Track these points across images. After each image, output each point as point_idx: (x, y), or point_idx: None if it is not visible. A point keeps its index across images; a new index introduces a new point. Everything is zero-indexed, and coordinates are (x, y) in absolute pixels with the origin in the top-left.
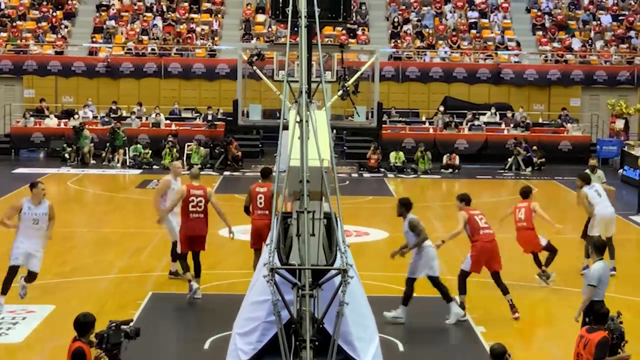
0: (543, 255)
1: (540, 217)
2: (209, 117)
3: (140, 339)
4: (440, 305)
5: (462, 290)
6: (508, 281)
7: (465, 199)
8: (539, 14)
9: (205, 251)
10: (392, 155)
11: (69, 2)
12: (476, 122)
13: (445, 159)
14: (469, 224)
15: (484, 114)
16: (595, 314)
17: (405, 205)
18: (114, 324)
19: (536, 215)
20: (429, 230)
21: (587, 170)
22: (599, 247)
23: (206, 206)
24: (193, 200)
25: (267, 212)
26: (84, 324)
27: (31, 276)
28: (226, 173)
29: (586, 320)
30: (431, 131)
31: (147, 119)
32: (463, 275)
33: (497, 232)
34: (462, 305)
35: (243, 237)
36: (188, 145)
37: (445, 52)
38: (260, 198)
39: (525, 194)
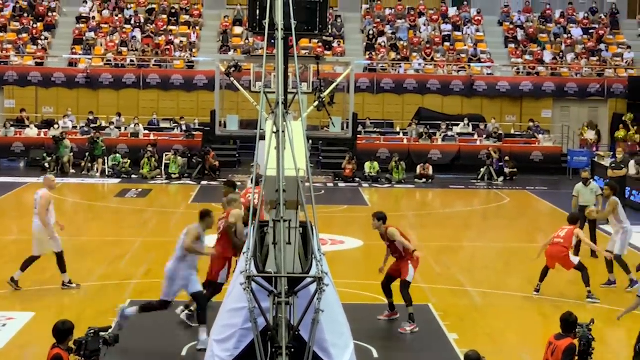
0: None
1: (584, 243)
2: (183, 127)
3: (118, 345)
4: (416, 312)
5: (411, 301)
6: (482, 289)
7: (383, 218)
8: (511, 27)
9: None
10: (367, 165)
11: (50, 14)
12: (449, 133)
13: (419, 169)
14: (404, 237)
15: (457, 125)
16: (564, 322)
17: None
18: (92, 331)
19: (578, 240)
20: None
21: (580, 184)
22: None
23: None
24: None
25: None
26: (62, 331)
27: None
28: (204, 182)
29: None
30: (405, 142)
31: (126, 129)
32: (408, 287)
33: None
34: (411, 317)
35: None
36: (166, 155)
37: (419, 64)
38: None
39: (574, 220)
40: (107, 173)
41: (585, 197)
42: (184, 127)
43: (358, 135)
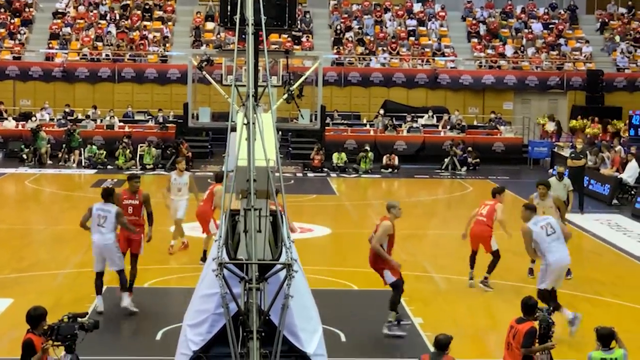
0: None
1: (499, 221)
2: (160, 119)
3: (94, 330)
4: (380, 297)
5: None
6: (446, 275)
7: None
8: (474, 22)
9: (155, 246)
10: (335, 155)
11: (27, 10)
12: (414, 125)
13: (385, 159)
14: None
15: (422, 116)
16: (524, 305)
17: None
18: (67, 316)
19: (496, 216)
20: (369, 226)
21: (553, 178)
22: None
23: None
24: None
25: None
26: (34, 317)
27: None
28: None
29: None
30: (372, 133)
31: (101, 121)
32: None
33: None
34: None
35: (192, 233)
36: (141, 147)
37: (385, 58)
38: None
39: (494, 193)
40: (83, 164)
41: (558, 192)
42: (160, 120)
43: (326, 127)
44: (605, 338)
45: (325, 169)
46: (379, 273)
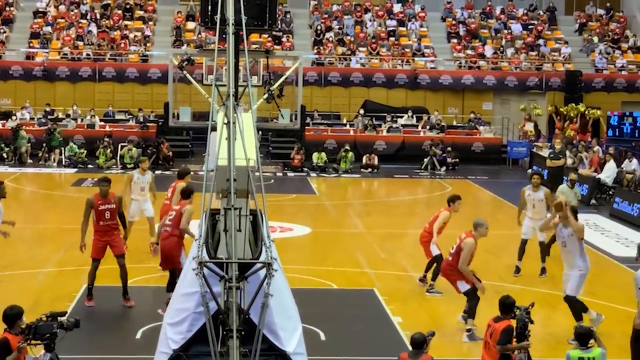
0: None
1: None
2: (140, 119)
3: (75, 330)
4: (360, 296)
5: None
6: (428, 274)
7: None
8: (454, 22)
9: (134, 245)
10: (315, 155)
11: (7, 9)
12: (394, 125)
13: (364, 159)
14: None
15: (402, 116)
16: (501, 304)
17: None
18: (45, 315)
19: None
20: (349, 225)
21: (564, 186)
22: None
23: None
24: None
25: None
26: (10, 316)
27: None
28: (157, 172)
29: None
30: (352, 133)
31: (82, 120)
32: None
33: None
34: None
35: None
36: (122, 146)
37: (364, 58)
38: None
39: (447, 201)
40: (63, 163)
41: (569, 199)
42: (140, 119)
43: (306, 127)
44: (584, 337)
45: (305, 169)
46: (451, 283)
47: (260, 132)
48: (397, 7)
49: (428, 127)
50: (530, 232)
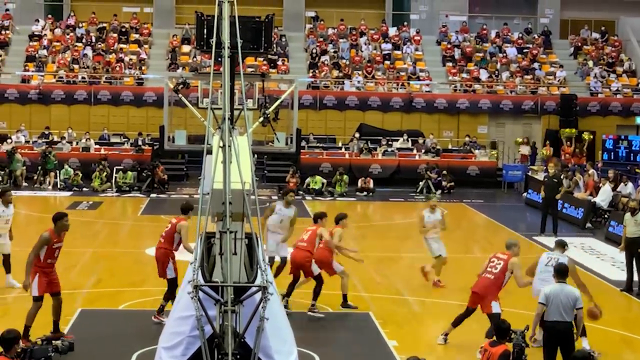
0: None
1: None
2: (139, 142)
3: (69, 353)
4: (355, 320)
5: None
6: (421, 297)
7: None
8: (449, 46)
9: (130, 269)
10: (310, 179)
11: (3, 32)
12: (389, 148)
13: (360, 182)
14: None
15: (397, 140)
16: (497, 328)
17: None
18: (40, 339)
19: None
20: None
21: (628, 213)
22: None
23: None
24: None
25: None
26: (7, 339)
27: None
28: (153, 195)
29: None
30: (347, 156)
31: (77, 143)
32: None
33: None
34: None
35: (179, 256)
36: (117, 170)
37: (360, 81)
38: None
39: (315, 218)
40: (58, 186)
41: (630, 227)
42: (139, 142)
43: (301, 150)
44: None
45: (301, 192)
46: (485, 301)
47: (255, 156)
48: (392, 31)
49: (423, 150)
50: None
